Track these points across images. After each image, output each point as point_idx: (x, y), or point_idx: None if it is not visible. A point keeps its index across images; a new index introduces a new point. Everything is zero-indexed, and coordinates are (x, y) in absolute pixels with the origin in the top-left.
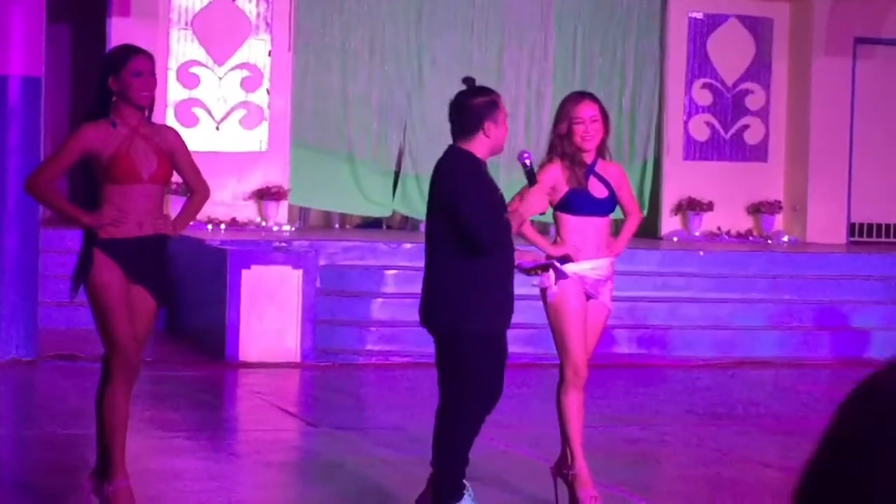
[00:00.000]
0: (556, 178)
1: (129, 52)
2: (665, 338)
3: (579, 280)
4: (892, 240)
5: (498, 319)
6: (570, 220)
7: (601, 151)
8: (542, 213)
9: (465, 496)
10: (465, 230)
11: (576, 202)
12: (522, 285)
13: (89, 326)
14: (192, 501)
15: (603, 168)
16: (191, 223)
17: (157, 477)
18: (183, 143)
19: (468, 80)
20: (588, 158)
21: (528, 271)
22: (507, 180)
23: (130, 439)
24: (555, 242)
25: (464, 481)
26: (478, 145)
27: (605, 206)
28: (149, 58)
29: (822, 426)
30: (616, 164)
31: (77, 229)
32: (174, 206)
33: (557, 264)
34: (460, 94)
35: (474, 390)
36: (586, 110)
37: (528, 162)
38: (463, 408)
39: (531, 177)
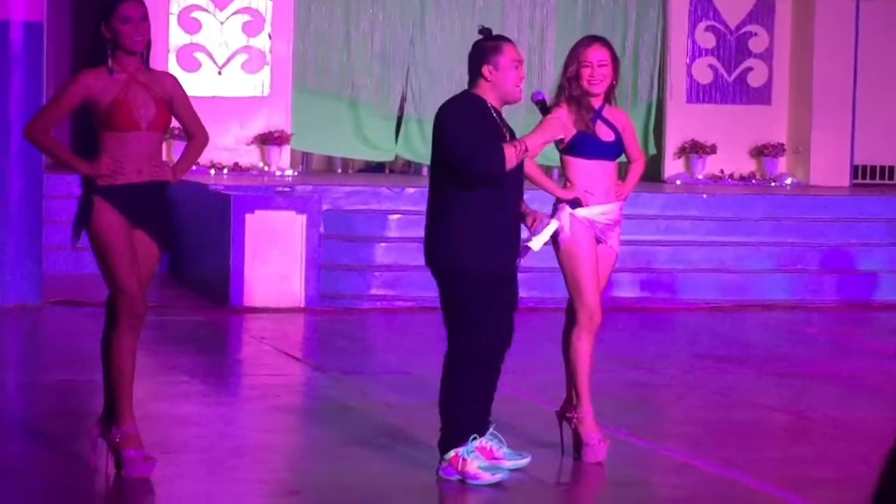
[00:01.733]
0: (563, 121)
1: None
2: (669, 281)
3: (589, 224)
4: (895, 182)
5: (497, 258)
6: (577, 164)
7: (609, 97)
8: (559, 140)
9: (474, 441)
10: (449, 158)
11: (583, 145)
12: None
13: (94, 271)
14: (198, 446)
15: (610, 113)
16: (191, 169)
17: (163, 421)
18: (182, 89)
19: (484, 31)
20: (596, 103)
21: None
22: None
23: (136, 384)
24: (564, 186)
25: (490, 420)
26: (483, 90)
27: (612, 150)
28: (139, 3)
29: (827, 369)
30: (622, 111)
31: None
32: (176, 150)
33: (569, 208)
34: (474, 43)
35: (475, 334)
36: (595, 54)
37: (541, 97)
38: (463, 353)
39: (545, 111)
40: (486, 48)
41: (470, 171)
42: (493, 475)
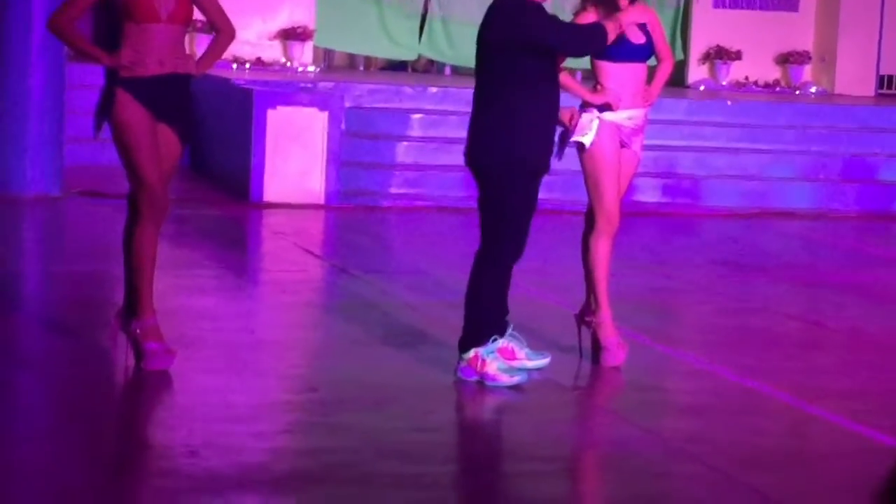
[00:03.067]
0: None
1: None
2: (691, 187)
3: (615, 129)
4: None
5: (542, 153)
6: (608, 67)
7: None
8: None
9: (494, 342)
10: (553, 44)
11: (614, 48)
12: None
13: (116, 162)
14: (218, 340)
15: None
16: (215, 64)
17: (183, 316)
18: None
19: None
20: (622, 3)
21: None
22: None
23: (156, 277)
24: (593, 90)
25: (508, 321)
26: None
27: (643, 52)
28: None
29: (846, 279)
30: (650, 9)
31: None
32: (201, 44)
33: (597, 112)
34: None
35: (513, 229)
36: None
37: None
38: (499, 249)
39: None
40: None
41: (580, 51)
42: (511, 377)
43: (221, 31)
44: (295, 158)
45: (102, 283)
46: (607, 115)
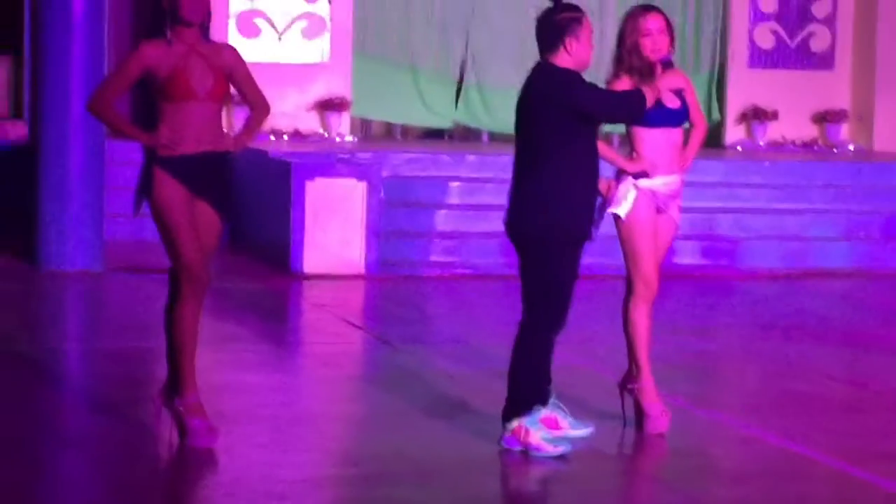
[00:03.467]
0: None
1: None
2: (731, 249)
3: (651, 195)
4: None
5: (584, 223)
6: (644, 133)
7: (667, 64)
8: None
9: (537, 412)
10: (599, 111)
11: (650, 114)
12: None
13: (156, 238)
14: (261, 415)
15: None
16: (253, 139)
17: (225, 391)
18: (241, 59)
19: (556, 1)
20: (657, 70)
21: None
22: None
23: (198, 353)
24: (630, 157)
25: (550, 390)
26: (562, 61)
27: (678, 117)
28: None
29: (890, 339)
30: (683, 74)
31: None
32: (236, 117)
33: (633, 181)
34: (546, 11)
35: (557, 299)
36: (654, 22)
37: (668, 58)
38: (543, 318)
39: (669, 66)
40: (567, 20)
41: (621, 118)
42: (556, 447)
43: (257, 106)
44: (334, 229)
45: (145, 360)
46: (643, 182)
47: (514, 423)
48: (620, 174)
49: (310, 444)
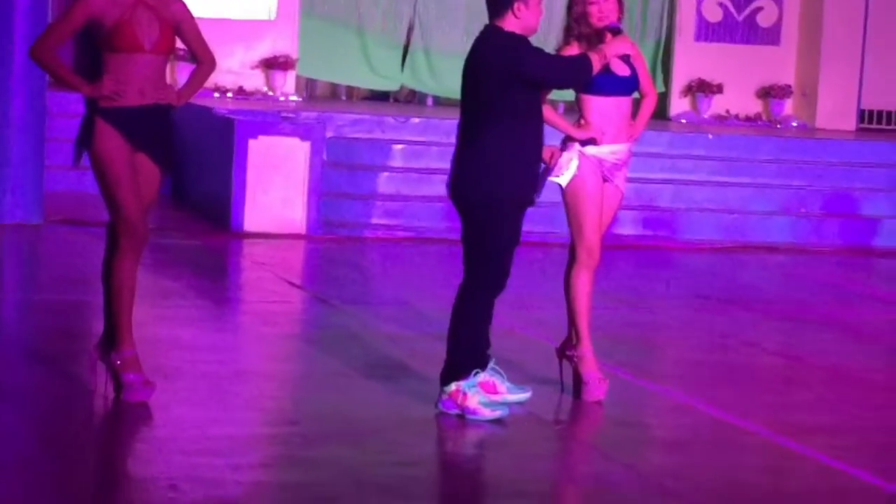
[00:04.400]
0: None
1: None
2: (672, 220)
3: (598, 163)
4: None
5: (526, 188)
6: (593, 101)
7: (616, 31)
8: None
9: (476, 376)
10: (549, 78)
11: (600, 82)
12: None
13: (96, 191)
14: (198, 372)
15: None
16: (196, 94)
17: (162, 346)
18: (189, 13)
19: None
20: (606, 36)
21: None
22: None
23: (136, 308)
24: (577, 124)
25: (489, 354)
26: (510, 25)
27: (628, 85)
28: None
29: (826, 314)
30: (633, 42)
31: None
32: (182, 73)
33: (580, 148)
34: None
35: (497, 262)
36: None
37: (614, 25)
38: (482, 281)
39: (617, 32)
40: None
41: (568, 83)
42: (492, 412)
43: (203, 61)
44: (276, 188)
45: (82, 313)
46: (590, 150)
47: (453, 387)
48: (567, 141)
49: (246, 402)
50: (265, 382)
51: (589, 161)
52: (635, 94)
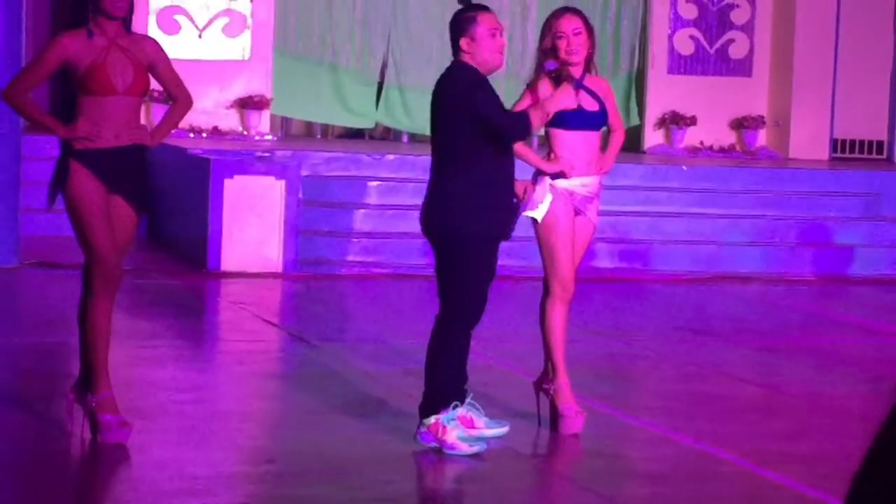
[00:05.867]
0: (545, 94)
1: None
2: (647, 252)
3: (569, 196)
4: (874, 156)
5: (496, 223)
6: (562, 135)
7: (588, 66)
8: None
9: (455, 410)
10: (492, 127)
11: (569, 117)
12: None
13: (71, 233)
14: (175, 412)
15: (592, 82)
16: (170, 133)
17: (139, 387)
18: (163, 53)
19: (463, 1)
20: (576, 73)
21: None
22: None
23: (112, 349)
24: (547, 158)
25: (466, 389)
26: (466, 60)
27: (597, 120)
28: None
29: (802, 343)
30: (603, 79)
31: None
32: (157, 114)
33: (550, 180)
34: (453, 14)
35: (469, 297)
36: (569, 24)
37: (553, 66)
38: (456, 316)
39: (560, 79)
40: (462, 20)
41: (507, 138)
42: (471, 446)
43: (178, 99)
44: (252, 227)
45: (58, 356)
46: (561, 183)
47: (432, 420)
48: (538, 175)
49: (224, 441)
50: (242, 421)
51: (560, 194)
52: (604, 129)
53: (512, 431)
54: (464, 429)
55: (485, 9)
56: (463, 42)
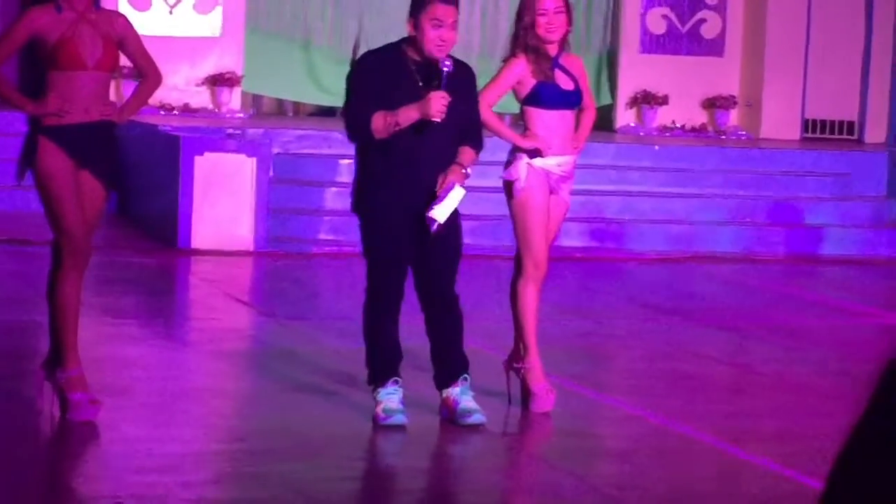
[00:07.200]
0: (522, 71)
1: None
2: (619, 231)
3: (545, 175)
4: (845, 136)
5: (394, 204)
6: (539, 114)
7: (563, 44)
8: (517, 89)
9: (386, 391)
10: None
11: (545, 95)
12: (475, 177)
13: (41, 210)
14: (145, 389)
15: (567, 61)
16: (140, 110)
17: (109, 365)
18: (132, 28)
19: None
20: (552, 51)
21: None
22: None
23: (82, 326)
24: (523, 135)
25: (395, 379)
26: (410, 42)
27: (573, 99)
28: None
29: (773, 322)
30: (577, 57)
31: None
32: (127, 90)
33: (527, 158)
34: None
35: (371, 278)
36: (551, 2)
37: (445, 70)
38: (369, 296)
39: (439, 84)
40: (414, 2)
41: (347, 135)
42: (387, 417)
43: (148, 76)
44: (223, 205)
45: (27, 333)
46: (537, 162)
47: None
48: (514, 152)
49: (194, 419)
50: (213, 399)
51: (537, 173)
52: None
53: (483, 410)
54: (393, 402)
55: None
56: (409, 25)
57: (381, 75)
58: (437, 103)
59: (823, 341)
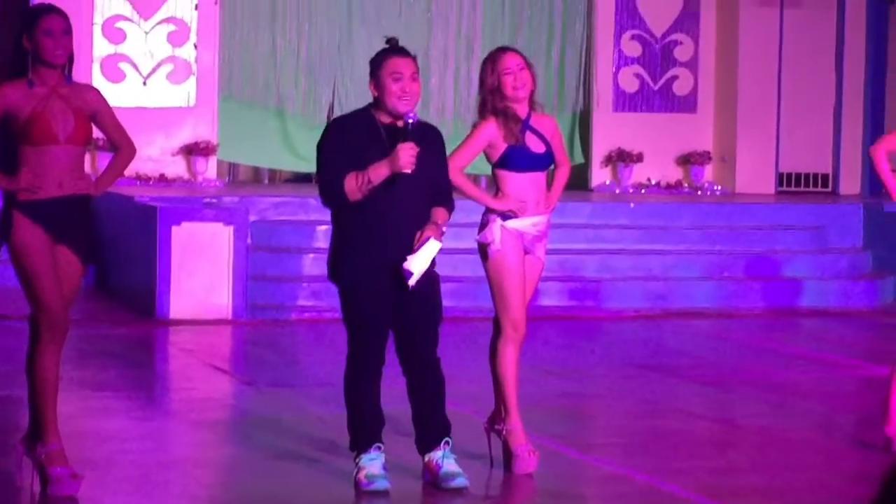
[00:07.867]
0: (493, 135)
1: (41, 10)
2: (597, 290)
3: (519, 236)
4: (820, 189)
5: (366, 270)
6: (511, 177)
7: (532, 105)
8: (489, 153)
9: (368, 456)
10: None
11: (515, 159)
12: (451, 239)
13: (16, 284)
14: (126, 462)
15: (537, 121)
16: (115, 182)
17: (90, 438)
18: (104, 101)
19: (389, 40)
20: (521, 112)
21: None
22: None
23: (61, 400)
24: (496, 197)
25: (378, 445)
26: (376, 105)
27: (543, 161)
28: (62, 16)
29: (753, 377)
30: (549, 117)
31: None
32: (102, 162)
33: (501, 220)
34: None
35: (353, 343)
36: (513, 60)
37: (410, 121)
38: (350, 361)
39: (405, 136)
40: (372, 63)
41: (322, 200)
42: (369, 483)
43: (122, 149)
44: (201, 274)
45: (6, 408)
46: (511, 223)
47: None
48: (487, 214)
49: (177, 491)
50: (195, 469)
51: (511, 234)
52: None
53: (465, 473)
54: (374, 468)
55: (397, 52)
56: (370, 86)
57: (351, 138)
58: (406, 154)
59: (807, 394)
